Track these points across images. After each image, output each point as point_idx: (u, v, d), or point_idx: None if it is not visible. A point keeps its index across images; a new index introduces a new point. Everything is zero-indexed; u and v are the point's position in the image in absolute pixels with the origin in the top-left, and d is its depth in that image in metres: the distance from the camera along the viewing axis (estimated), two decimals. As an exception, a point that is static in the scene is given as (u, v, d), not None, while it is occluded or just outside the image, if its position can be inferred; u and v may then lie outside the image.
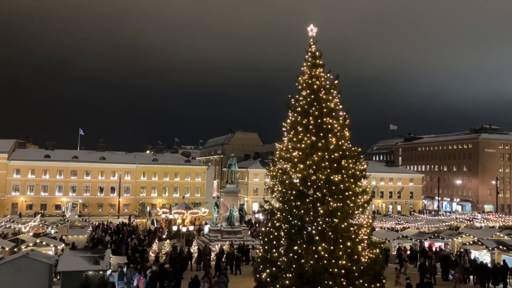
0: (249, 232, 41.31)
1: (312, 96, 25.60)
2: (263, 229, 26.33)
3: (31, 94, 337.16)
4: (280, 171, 25.72)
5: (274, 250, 24.48)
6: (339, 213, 23.74)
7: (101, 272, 21.03)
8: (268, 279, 23.85)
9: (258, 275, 24.84)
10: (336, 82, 26.00)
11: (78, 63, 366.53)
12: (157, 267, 25.11)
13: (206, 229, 46.42)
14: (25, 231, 42.79)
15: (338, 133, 25.38)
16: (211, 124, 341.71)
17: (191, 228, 44.96)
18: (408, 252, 34.55)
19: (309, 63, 26.11)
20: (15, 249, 29.21)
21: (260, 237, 26.44)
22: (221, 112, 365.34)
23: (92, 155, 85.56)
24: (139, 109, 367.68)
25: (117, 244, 36.60)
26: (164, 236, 43.40)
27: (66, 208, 78.76)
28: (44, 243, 30.44)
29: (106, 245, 35.31)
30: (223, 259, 29.71)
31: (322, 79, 25.94)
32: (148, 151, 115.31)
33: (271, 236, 24.88)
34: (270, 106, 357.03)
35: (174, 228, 45.48)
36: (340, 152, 25.06)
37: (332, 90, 25.86)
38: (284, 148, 26.01)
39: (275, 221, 24.97)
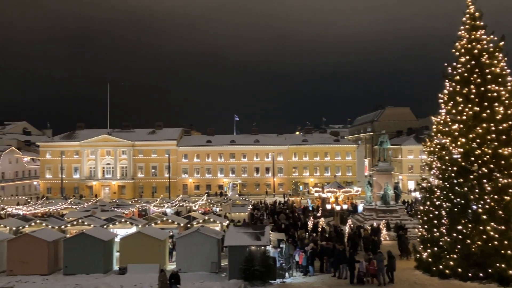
0: (405, 212, 39.71)
1: (473, 62, 23.34)
2: (421, 207, 25.12)
3: (192, 85, 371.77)
4: (438, 146, 24.17)
5: (435, 230, 23.27)
6: (510, 190, 21.42)
7: (262, 247, 22.47)
8: (430, 259, 22.80)
9: (418, 255, 23.96)
10: (501, 44, 23.19)
11: (231, 55, 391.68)
12: (315, 244, 25.84)
13: (360, 207, 46.06)
14: (195, 209, 48.01)
15: (506, 101, 22.74)
16: (359, 101, 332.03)
17: (345, 206, 44.99)
18: None
19: (467, 26, 23.78)
20: (188, 225, 32.94)
21: (419, 216, 25.36)
22: (369, 88, 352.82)
23: (247, 139, 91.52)
24: (286, 92, 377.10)
25: (274, 221, 38.85)
26: (318, 214, 44.34)
27: (227, 188, 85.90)
28: (211, 220, 33.69)
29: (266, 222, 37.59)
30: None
31: (484, 42, 23.44)
32: (297, 132, 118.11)
33: (431, 215, 23.69)
34: (423, 77, 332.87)
35: (328, 206, 46.04)
36: (510, 123, 22.45)
37: (496, 54, 23.19)
38: (441, 122, 24.32)
39: (434, 200, 23.66)
